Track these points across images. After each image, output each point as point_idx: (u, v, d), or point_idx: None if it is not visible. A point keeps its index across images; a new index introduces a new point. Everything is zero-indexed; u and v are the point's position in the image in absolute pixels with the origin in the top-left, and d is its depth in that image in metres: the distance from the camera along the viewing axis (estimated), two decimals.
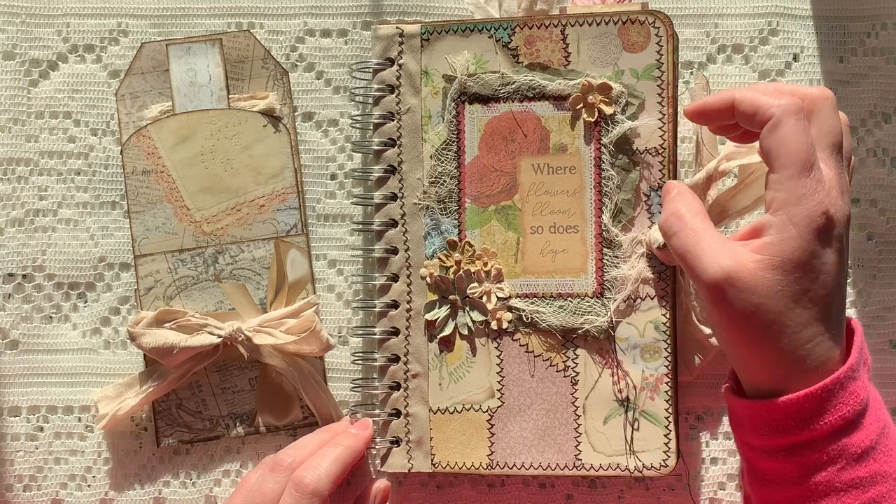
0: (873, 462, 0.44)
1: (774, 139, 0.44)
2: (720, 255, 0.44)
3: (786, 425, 0.44)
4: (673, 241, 0.47)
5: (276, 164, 0.57)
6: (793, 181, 0.43)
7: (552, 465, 0.54)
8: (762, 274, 0.44)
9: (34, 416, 0.58)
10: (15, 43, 0.58)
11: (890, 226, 0.57)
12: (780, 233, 0.44)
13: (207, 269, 0.57)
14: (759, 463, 0.47)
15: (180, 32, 0.58)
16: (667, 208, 0.49)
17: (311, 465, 0.49)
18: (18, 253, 0.58)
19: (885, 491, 0.44)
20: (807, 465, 0.44)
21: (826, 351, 0.44)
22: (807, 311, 0.44)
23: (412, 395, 0.55)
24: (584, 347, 0.54)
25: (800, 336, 0.44)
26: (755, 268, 0.44)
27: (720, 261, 0.44)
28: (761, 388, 0.46)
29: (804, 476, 0.45)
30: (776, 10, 0.57)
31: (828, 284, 0.44)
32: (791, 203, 0.43)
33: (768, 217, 0.44)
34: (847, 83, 0.57)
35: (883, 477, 0.44)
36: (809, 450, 0.44)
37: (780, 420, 0.45)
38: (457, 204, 0.55)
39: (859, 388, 0.44)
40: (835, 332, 0.45)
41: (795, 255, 0.43)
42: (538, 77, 0.54)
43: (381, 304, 0.56)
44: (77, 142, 0.58)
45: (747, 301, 0.44)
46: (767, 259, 0.44)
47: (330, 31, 0.58)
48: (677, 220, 0.47)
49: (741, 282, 0.44)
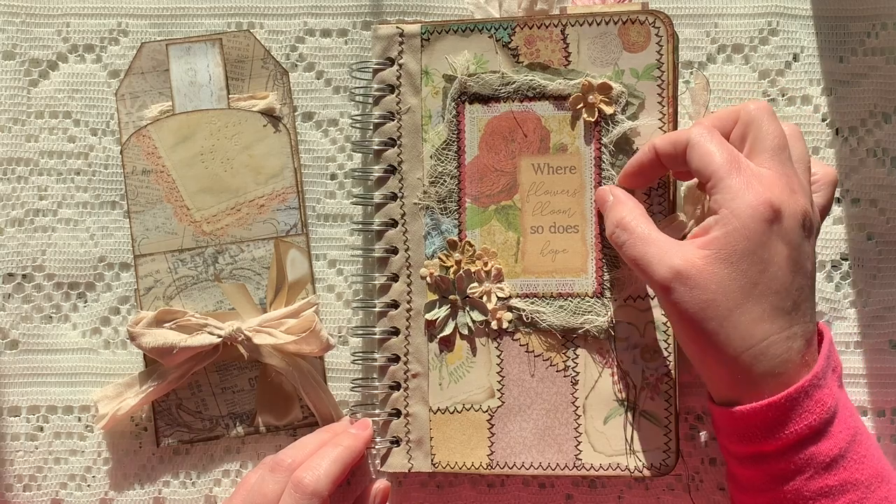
0: (843, 470, 0.44)
1: (695, 155, 0.46)
2: (669, 256, 0.45)
3: (751, 433, 0.45)
4: (624, 251, 0.48)
5: (276, 163, 0.57)
6: (724, 181, 0.45)
7: (552, 465, 0.54)
8: (710, 269, 0.44)
9: (34, 416, 0.58)
10: (15, 43, 0.58)
11: (890, 226, 0.57)
12: (724, 226, 0.44)
13: (207, 268, 0.57)
14: (735, 468, 0.48)
15: (180, 32, 0.58)
16: (609, 218, 0.50)
17: (311, 466, 0.49)
18: (18, 253, 0.58)
19: (856, 499, 0.44)
20: (774, 473, 0.45)
21: (783, 352, 0.44)
22: (757, 307, 0.44)
23: (412, 395, 0.55)
24: (585, 347, 0.54)
25: (752, 333, 0.44)
26: (703, 263, 0.44)
27: (669, 261, 0.45)
28: (722, 396, 0.47)
29: (773, 484, 0.45)
30: (776, 9, 0.57)
31: (778, 278, 0.44)
32: (729, 199, 0.44)
33: (714, 216, 0.45)
34: (847, 83, 0.57)
35: (853, 485, 0.44)
36: (776, 459, 0.45)
37: (745, 428, 0.45)
38: (457, 204, 0.55)
39: (825, 396, 0.44)
40: (792, 334, 0.44)
41: (740, 245, 0.44)
42: (538, 77, 0.54)
43: (381, 304, 0.56)
44: (77, 142, 0.58)
45: (698, 298, 0.44)
46: (714, 253, 0.44)
47: (330, 31, 0.58)
48: (623, 231, 0.48)
49: (691, 279, 0.44)
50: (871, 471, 0.45)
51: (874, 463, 0.45)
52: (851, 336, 0.57)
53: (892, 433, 0.56)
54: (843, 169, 0.57)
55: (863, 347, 0.56)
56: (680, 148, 0.47)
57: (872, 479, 0.45)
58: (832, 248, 0.57)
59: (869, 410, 0.56)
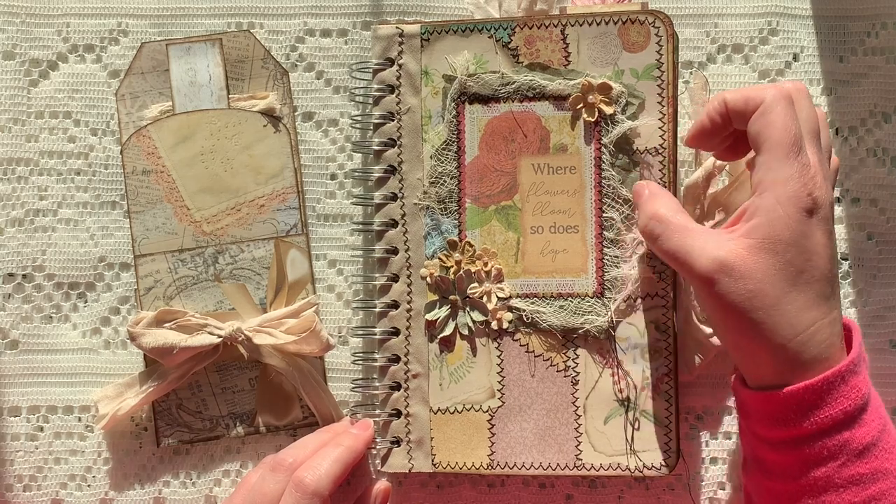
0: (874, 459, 0.44)
1: (764, 121, 0.45)
2: (710, 248, 0.45)
3: (787, 417, 0.44)
4: (659, 244, 0.47)
5: (276, 164, 0.57)
6: (780, 162, 0.44)
7: (553, 465, 0.54)
8: (755, 258, 0.44)
9: (34, 416, 0.58)
10: (15, 43, 0.58)
11: (890, 225, 0.57)
12: (768, 214, 0.44)
13: (207, 269, 0.57)
14: (764, 453, 0.47)
15: (180, 32, 0.58)
16: (644, 212, 0.49)
17: (312, 466, 0.49)
18: (18, 253, 0.58)
19: (886, 489, 0.44)
20: (807, 459, 0.44)
21: (827, 337, 0.44)
22: (803, 294, 0.44)
23: (412, 396, 0.55)
24: (585, 347, 0.54)
25: (800, 320, 0.44)
26: (747, 253, 0.44)
27: (711, 253, 0.44)
28: (764, 382, 0.46)
29: (805, 470, 0.45)
30: (776, 9, 0.57)
31: (821, 266, 0.44)
32: (779, 184, 0.44)
33: (755, 199, 0.45)
34: (847, 83, 0.57)
35: (883, 474, 0.44)
36: (811, 443, 0.44)
37: (781, 411, 0.45)
38: (457, 204, 0.55)
39: (861, 383, 0.44)
40: (833, 319, 0.45)
41: (785, 234, 0.44)
42: (538, 77, 0.54)
43: (382, 304, 0.56)
44: (77, 142, 0.58)
45: (744, 289, 0.44)
46: (758, 242, 0.44)
47: (330, 31, 0.58)
48: (658, 223, 0.47)
49: (735, 270, 0.44)
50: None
51: None
52: None
53: None
54: (843, 168, 0.57)
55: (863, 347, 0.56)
56: (752, 106, 0.45)
57: None
58: None
59: None
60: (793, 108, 0.45)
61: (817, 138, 0.46)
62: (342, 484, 0.54)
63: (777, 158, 0.44)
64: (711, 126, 0.48)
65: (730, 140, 0.49)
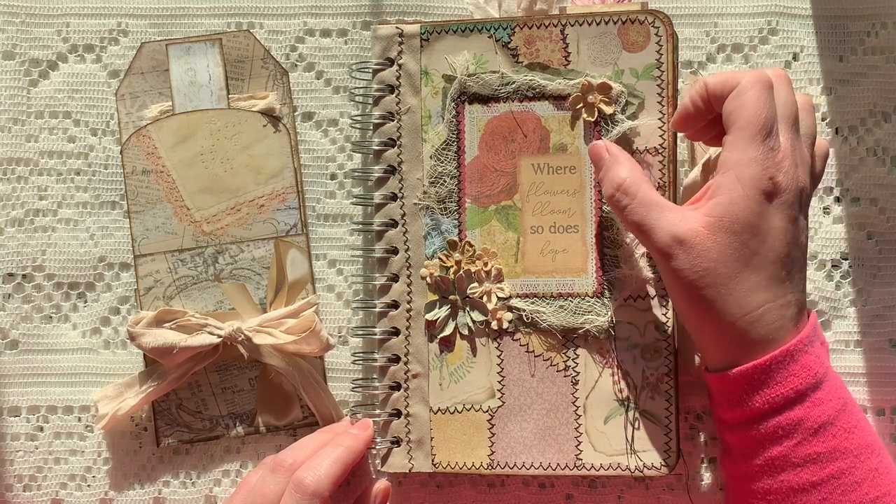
0: (832, 438, 0.45)
1: (737, 102, 0.45)
2: (671, 223, 0.46)
3: (740, 397, 0.46)
4: (625, 214, 0.48)
5: (276, 163, 0.57)
6: (746, 143, 0.45)
7: (553, 465, 0.54)
8: (713, 237, 0.45)
9: (34, 416, 0.58)
10: (15, 43, 0.58)
11: (890, 225, 0.57)
12: (729, 193, 0.45)
13: (207, 268, 0.57)
14: (726, 437, 0.49)
15: (180, 32, 0.58)
16: (608, 178, 0.49)
17: (312, 466, 0.49)
18: (18, 253, 0.58)
19: (845, 467, 0.44)
20: (763, 438, 0.45)
21: (776, 319, 0.45)
22: (755, 276, 0.45)
23: (412, 396, 0.55)
24: (585, 347, 0.54)
25: (749, 301, 0.45)
26: (706, 231, 0.45)
27: (671, 228, 0.45)
28: (719, 363, 0.47)
29: (761, 449, 0.45)
30: (776, 9, 0.57)
31: (776, 249, 0.45)
32: (742, 164, 0.45)
33: (718, 178, 0.46)
34: (847, 82, 0.57)
35: (842, 453, 0.44)
36: (765, 421, 0.45)
37: (734, 392, 0.46)
38: (457, 204, 0.55)
39: (812, 363, 0.45)
40: (786, 302, 0.45)
41: (743, 214, 0.44)
42: (538, 77, 0.54)
43: (382, 304, 0.56)
44: (77, 142, 0.58)
45: (698, 266, 0.45)
46: (716, 220, 0.45)
47: (330, 31, 0.58)
48: (624, 195, 0.47)
49: (692, 246, 0.45)
50: (861, 441, 0.45)
51: (863, 434, 0.46)
52: (851, 335, 0.57)
53: (891, 432, 0.56)
54: (842, 168, 0.57)
55: (863, 346, 0.56)
56: (728, 88, 0.46)
57: (862, 448, 0.45)
58: (832, 248, 0.57)
59: (869, 409, 0.56)
60: (769, 92, 0.45)
61: (794, 124, 0.46)
62: (342, 484, 0.54)
63: (743, 139, 0.45)
64: (694, 110, 0.49)
65: (718, 126, 0.49)
